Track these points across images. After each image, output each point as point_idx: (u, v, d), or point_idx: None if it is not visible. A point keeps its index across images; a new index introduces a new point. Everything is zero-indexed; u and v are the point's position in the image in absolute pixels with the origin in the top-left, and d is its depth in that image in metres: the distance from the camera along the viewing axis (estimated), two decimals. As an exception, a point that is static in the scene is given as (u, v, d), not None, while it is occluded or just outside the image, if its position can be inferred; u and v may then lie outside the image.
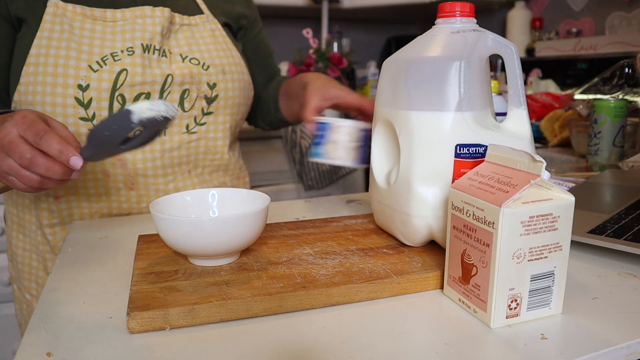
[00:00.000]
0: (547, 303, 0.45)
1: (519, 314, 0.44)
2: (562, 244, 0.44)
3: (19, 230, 0.85)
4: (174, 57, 0.80)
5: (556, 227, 0.44)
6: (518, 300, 0.44)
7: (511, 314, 0.44)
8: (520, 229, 0.42)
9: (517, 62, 0.54)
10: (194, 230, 0.49)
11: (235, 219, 0.50)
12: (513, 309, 0.44)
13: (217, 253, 0.52)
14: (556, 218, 0.43)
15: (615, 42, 1.75)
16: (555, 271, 0.45)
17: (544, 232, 0.43)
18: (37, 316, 0.47)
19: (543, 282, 0.45)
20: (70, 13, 0.74)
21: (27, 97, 0.73)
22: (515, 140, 0.54)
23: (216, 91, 0.83)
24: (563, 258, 0.45)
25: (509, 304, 0.44)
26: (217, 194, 0.61)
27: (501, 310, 0.44)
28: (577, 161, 1.22)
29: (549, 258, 0.44)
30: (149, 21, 0.77)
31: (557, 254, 0.45)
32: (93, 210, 0.81)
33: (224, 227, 0.50)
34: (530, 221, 0.42)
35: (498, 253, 0.42)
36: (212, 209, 0.61)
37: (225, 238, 0.50)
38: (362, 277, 0.49)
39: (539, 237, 0.43)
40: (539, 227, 0.43)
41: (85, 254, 0.62)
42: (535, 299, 0.45)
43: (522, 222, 0.42)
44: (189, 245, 0.50)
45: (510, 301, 0.44)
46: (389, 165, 0.62)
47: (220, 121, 0.86)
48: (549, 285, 0.45)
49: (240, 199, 0.60)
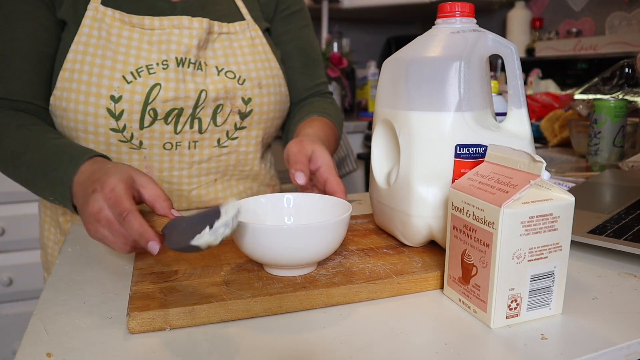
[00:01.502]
0: (547, 303, 0.45)
1: (519, 314, 0.44)
2: (562, 244, 0.44)
3: (50, 223, 0.87)
4: (209, 70, 0.79)
5: (556, 227, 0.44)
6: (518, 301, 0.44)
7: (511, 314, 0.44)
8: (520, 229, 0.42)
9: (517, 62, 0.54)
10: (289, 238, 0.47)
11: (328, 226, 0.48)
12: (513, 309, 0.44)
13: (303, 262, 0.50)
14: (556, 218, 0.43)
15: (615, 42, 1.75)
16: (555, 271, 0.45)
17: (544, 232, 0.43)
18: (37, 316, 0.47)
19: (543, 282, 0.45)
20: (109, 18, 0.74)
21: (62, 102, 0.73)
22: (515, 140, 0.54)
23: (251, 106, 0.81)
24: (563, 258, 0.45)
25: (509, 304, 0.44)
26: (292, 198, 0.59)
27: (501, 310, 0.44)
28: (577, 161, 1.22)
29: (549, 258, 0.44)
30: (186, 32, 0.76)
31: (557, 254, 0.44)
32: None
33: (320, 233, 0.48)
34: (530, 221, 0.42)
35: (498, 253, 0.42)
36: (289, 215, 0.59)
37: (319, 246, 0.49)
38: (362, 277, 0.49)
39: (539, 237, 0.43)
40: (538, 227, 0.43)
41: (85, 254, 0.62)
42: (535, 299, 0.45)
43: (522, 222, 0.42)
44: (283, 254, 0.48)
45: (510, 301, 0.44)
46: (389, 165, 0.62)
47: (253, 135, 0.85)
48: (549, 285, 0.45)
49: (314, 204, 0.59)
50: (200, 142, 0.80)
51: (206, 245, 0.44)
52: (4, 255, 1.59)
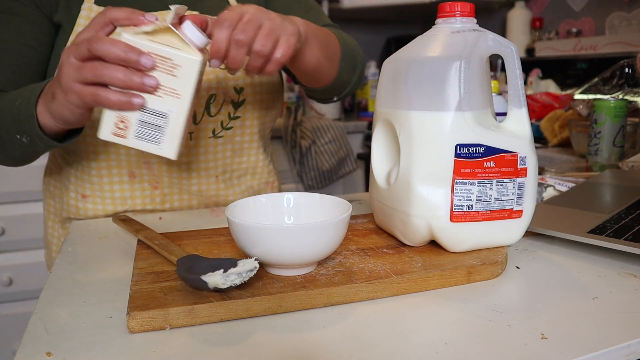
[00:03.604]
0: (156, 142, 0.53)
1: (126, 136, 0.52)
2: (180, 94, 0.51)
3: (55, 221, 0.87)
4: None
5: (175, 74, 0.51)
6: (126, 123, 0.52)
7: (118, 132, 0.52)
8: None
9: (517, 62, 0.54)
10: (291, 237, 0.47)
11: (327, 225, 0.48)
12: (121, 129, 0.52)
13: (302, 262, 0.50)
14: (176, 66, 0.51)
15: (615, 42, 1.75)
16: (169, 115, 0.52)
17: (162, 73, 0.51)
18: (37, 316, 0.47)
19: (155, 119, 0.52)
20: None
21: None
22: (515, 140, 0.54)
23: (243, 95, 0.82)
24: (180, 108, 0.52)
25: (116, 122, 0.52)
26: (292, 198, 0.59)
27: (108, 123, 0.52)
28: (577, 161, 1.23)
29: (164, 100, 0.52)
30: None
31: (174, 101, 0.52)
32: (117, 210, 0.82)
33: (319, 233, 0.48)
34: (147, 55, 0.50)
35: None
36: (289, 215, 0.59)
37: (318, 245, 0.48)
38: (362, 277, 0.49)
39: (156, 74, 0.51)
40: (159, 68, 0.51)
41: (85, 254, 0.62)
42: (144, 131, 0.52)
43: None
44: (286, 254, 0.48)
45: (117, 120, 0.52)
46: (389, 165, 0.62)
47: (248, 125, 0.85)
48: (160, 125, 0.52)
49: (314, 204, 0.58)
50: (195, 133, 0.80)
51: (214, 285, 0.45)
52: (4, 255, 1.59)
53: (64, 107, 0.55)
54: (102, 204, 0.81)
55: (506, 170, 0.54)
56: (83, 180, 0.80)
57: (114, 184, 0.80)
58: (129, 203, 0.82)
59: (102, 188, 0.80)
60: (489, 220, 0.55)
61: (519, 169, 0.54)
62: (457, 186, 0.53)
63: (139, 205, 0.82)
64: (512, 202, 0.55)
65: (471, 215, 0.54)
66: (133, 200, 0.82)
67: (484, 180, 0.53)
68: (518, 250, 0.61)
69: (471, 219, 0.54)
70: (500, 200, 0.54)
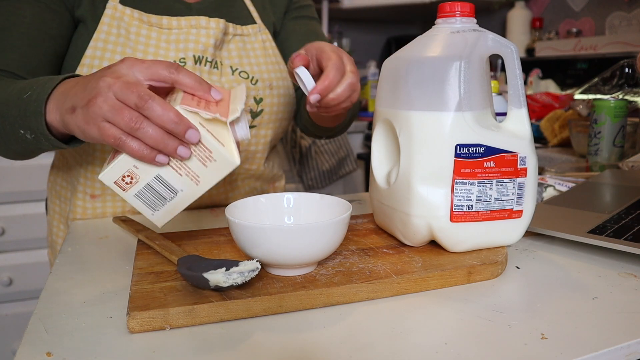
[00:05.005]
0: (154, 208, 0.52)
1: (126, 190, 0.50)
2: (201, 182, 0.51)
3: (60, 221, 0.87)
4: (224, 69, 0.80)
5: (207, 165, 0.50)
6: (133, 180, 0.50)
7: (121, 184, 0.50)
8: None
9: (517, 62, 0.54)
10: (291, 237, 0.47)
11: (328, 225, 0.48)
12: (125, 183, 0.50)
13: (300, 262, 0.49)
14: (212, 158, 0.50)
15: (615, 42, 1.75)
16: (179, 194, 0.51)
17: (195, 156, 0.50)
18: (37, 316, 0.47)
19: (164, 190, 0.51)
20: (127, 17, 0.75)
21: None
22: (515, 140, 0.54)
23: (262, 106, 0.83)
24: (193, 193, 0.51)
25: (124, 174, 0.50)
26: (292, 198, 0.59)
27: (116, 172, 0.50)
28: (577, 161, 1.23)
29: (183, 178, 0.51)
30: (203, 32, 0.77)
31: (191, 184, 0.51)
32: (126, 210, 0.82)
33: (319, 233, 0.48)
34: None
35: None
36: (289, 215, 0.59)
37: (318, 245, 0.48)
38: (362, 277, 0.49)
39: (193, 157, 0.50)
40: (194, 149, 0.50)
41: (85, 254, 0.62)
42: (146, 195, 0.51)
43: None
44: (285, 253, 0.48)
45: (126, 173, 0.50)
46: (389, 165, 0.62)
47: (262, 135, 0.86)
48: (166, 197, 0.51)
49: (314, 204, 0.58)
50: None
51: (215, 283, 0.45)
52: (4, 255, 1.59)
53: (78, 128, 0.51)
54: (112, 202, 0.81)
55: (506, 170, 0.54)
56: (93, 180, 0.80)
57: None
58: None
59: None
60: (489, 220, 0.55)
61: (519, 169, 0.54)
62: (457, 186, 0.53)
63: None
64: (512, 202, 0.55)
65: (471, 215, 0.54)
66: None
67: (484, 180, 0.53)
68: (518, 250, 0.61)
69: (471, 219, 0.54)
70: (500, 200, 0.54)
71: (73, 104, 0.51)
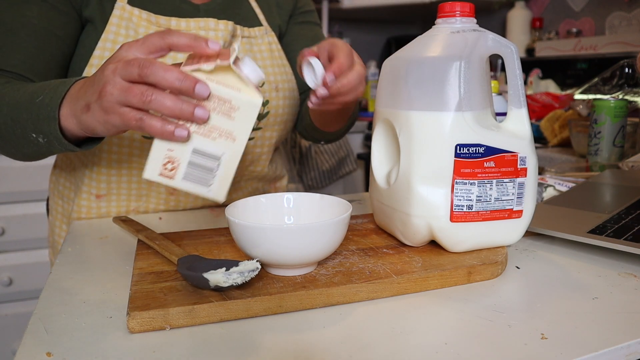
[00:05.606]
0: (206, 184, 0.49)
1: (173, 177, 0.49)
2: (236, 138, 0.48)
3: (62, 221, 0.87)
4: None
5: (233, 116, 0.48)
6: (175, 164, 0.48)
7: (166, 173, 0.48)
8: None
9: (517, 62, 0.54)
10: (294, 237, 0.47)
11: (329, 225, 0.48)
12: (168, 170, 0.48)
13: (300, 262, 0.49)
14: (234, 108, 0.48)
15: (615, 42, 1.75)
16: (222, 158, 0.49)
17: (218, 115, 0.48)
18: (37, 316, 0.47)
19: (206, 161, 0.49)
20: (136, 18, 0.74)
21: None
22: (515, 140, 0.54)
23: (267, 108, 0.83)
24: (234, 152, 0.49)
25: (164, 163, 0.48)
26: (292, 198, 0.59)
27: (155, 164, 0.48)
28: (577, 161, 1.23)
29: (218, 142, 0.48)
30: (212, 34, 0.78)
31: (228, 143, 0.48)
32: (131, 209, 0.82)
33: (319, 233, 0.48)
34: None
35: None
36: (289, 215, 0.59)
37: (318, 245, 0.48)
38: (362, 277, 0.49)
39: (212, 116, 0.47)
40: (213, 106, 0.47)
41: (85, 254, 0.62)
42: (193, 172, 0.49)
43: None
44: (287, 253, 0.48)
45: (166, 161, 0.48)
46: (389, 165, 0.62)
47: (268, 137, 0.86)
48: (212, 167, 0.49)
49: (314, 204, 0.58)
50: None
51: (215, 283, 0.45)
52: (4, 255, 1.59)
53: (99, 123, 0.51)
54: (117, 202, 0.81)
55: (506, 170, 0.54)
56: (99, 181, 0.80)
57: (132, 182, 0.80)
58: (143, 207, 0.82)
59: (119, 186, 0.80)
60: (489, 220, 0.55)
61: (519, 169, 0.54)
62: (457, 186, 0.53)
63: (153, 204, 0.83)
64: (512, 202, 0.55)
65: (471, 215, 0.54)
66: (148, 199, 0.82)
67: (484, 180, 0.53)
68: (518, 250, 0.61)
69: (471, 219, 0.54)
70: (500, 200, 0.54)
71: (86, 102, 0.52)
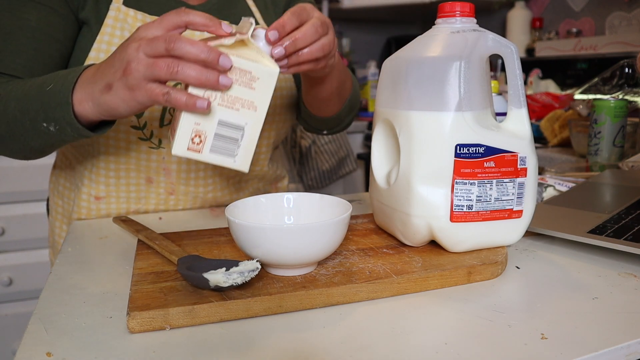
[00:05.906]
0: (232, 154, 0.51)
1: (200, 150, 0.50)
2: (257, 106, 0.51)
3: (62, 221, 0.87)
4: None
5: (254, 87, 0.50)
6: (202, 137, 0.50)
7: (193, 147, 0.50)
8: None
9: (517, 62, 0.54)
10: (295, 237, 0.47)
11: (329, 225, 0.48)
12: (196, 144, 0.50)
13: (300, 262, 0.49)
14: (255, 78, 0.50)
15: (615, 42, 1.75)
16: (245, 128, 0.51)
17: (240, 86, 0.49)
18: (37, 316, 0.47)
19: (231, 132, 0.51)
20: (131, 19, 0.74)
21: None
22: (515, 140, 0.54)
23: None
24: (256, 120, 0.51)
25: (192, 137, 0.49)
26: (292, 198, 0.59)
27: (184, 139, 0.49)
28: (577, 161, 1.23)
29: (241, 112, 0.50)
30: (207, 34, 0.77)
31: (250, 113, 0.51)
32: (131, 210, 0.82)
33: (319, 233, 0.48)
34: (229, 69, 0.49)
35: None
36: (289, 215, 0.59)
37: (319, 245, 0.48)
38: (362, 277, 0.49)
39: (234, 88, 0.49)
40: (235, 78, 0.49)
41: (85, 254, 0.62)
42: (220, 144, 0.51)
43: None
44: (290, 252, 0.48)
45: (194, 135, 0.49)
46: (389, 165, 0.62)
47: (265, 136, 0.86)
48: (237, 138, 0.51)
49: (314, 204, 0.58)
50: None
51: (215, 283, 0.45)
52: (4, 255, 1.59)
53: (123, 102, 0.52)
54: (116, 203, 0.81)
55: (506, 170, 0.54)
56: (98, 183, 0.80)
57: (130, 185, 0.80)
58: (143, 209, 0.82)
59: (118, 188, 0.80)
60: (489, 220, 0.55)
61: (519, 169, 0.54)
62: (457, 186, 0.53)
63: (152, 205, 0.83)
64: (512, 202, 0.55)
65: (471, 215, 0.54)
66: (147, 201, 0.82)
67: (484, 180, 0.53)
68: (518, 250, 0.61)
69: (471, 219, 0.54)
70: (500, 200, 0.54)
71: (107, 82, 0.52)
